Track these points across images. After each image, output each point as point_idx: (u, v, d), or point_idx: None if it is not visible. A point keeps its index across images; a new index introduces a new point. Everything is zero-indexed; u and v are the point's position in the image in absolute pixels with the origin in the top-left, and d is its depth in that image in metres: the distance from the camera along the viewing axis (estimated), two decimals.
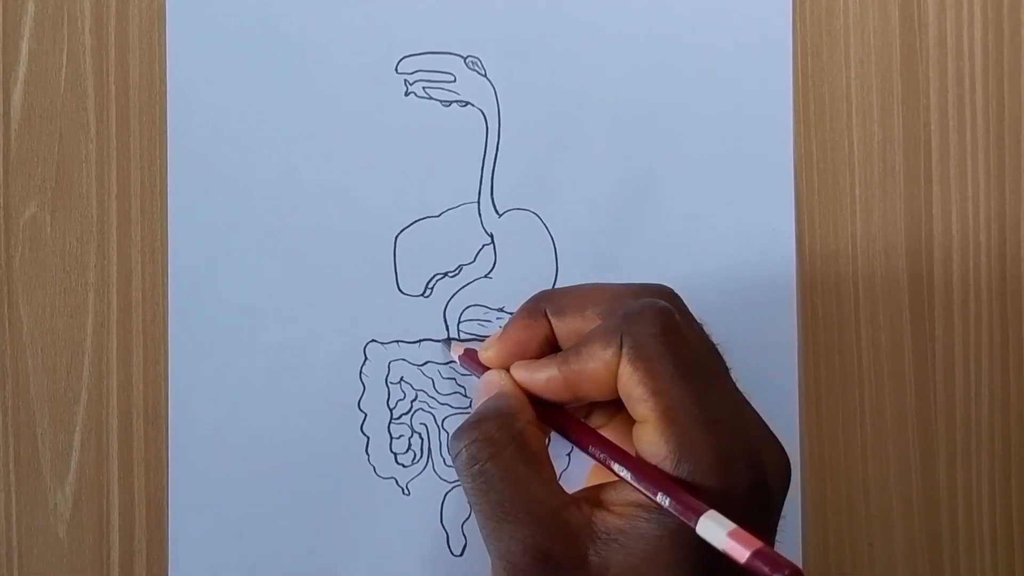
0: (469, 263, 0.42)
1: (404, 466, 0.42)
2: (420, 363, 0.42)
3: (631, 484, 0.32)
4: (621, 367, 0.33)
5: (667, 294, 0.36)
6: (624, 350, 0.33)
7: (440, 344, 0.42)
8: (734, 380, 0.35)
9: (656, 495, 0.31)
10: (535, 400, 0.35)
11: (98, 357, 0.42)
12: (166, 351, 0.42)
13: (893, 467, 0.44)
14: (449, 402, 0.42)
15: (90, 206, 0.42)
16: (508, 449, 0.33)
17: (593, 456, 0.34)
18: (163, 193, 0.42)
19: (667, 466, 0.31)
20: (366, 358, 0.42)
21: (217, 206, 0.42)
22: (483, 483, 0.33)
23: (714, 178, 0.43)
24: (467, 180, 0.43)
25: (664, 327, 0.33)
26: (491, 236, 0.43)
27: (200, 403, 0.42)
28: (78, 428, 0.42)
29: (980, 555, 0.44)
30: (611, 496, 0.33)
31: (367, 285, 0.42)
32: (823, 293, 0.44)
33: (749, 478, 0.32)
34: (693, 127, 0.43)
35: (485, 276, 0.43)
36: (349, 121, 0.42)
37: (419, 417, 0.42)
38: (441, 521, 0.42)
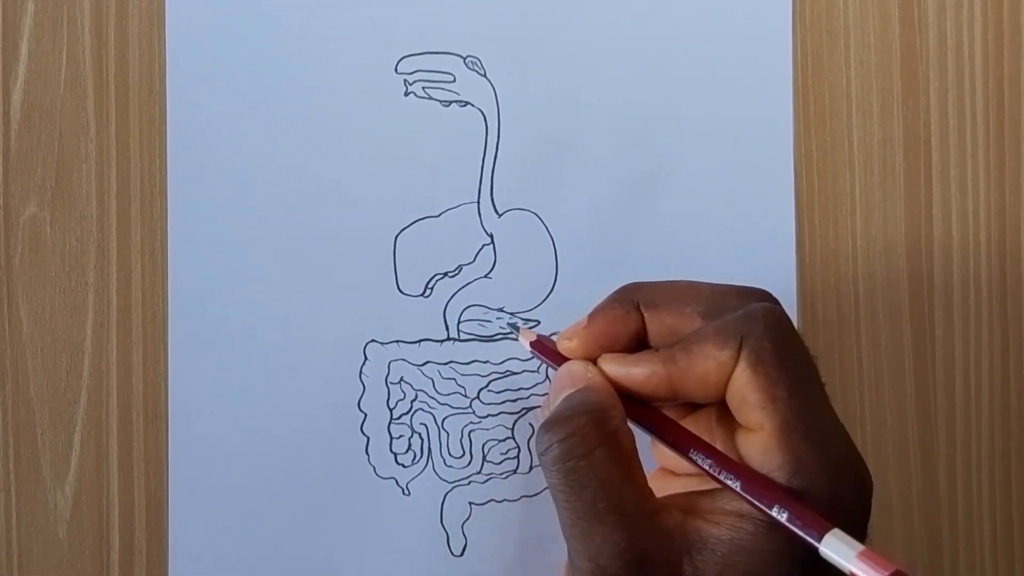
0: (469, 263, 0.42)
1: (404, 466, 0.42)
2: (420, 363, 0.42)
3: (742, 496, 0.31)
4: (738, 370, 0.31)
5: (772, 299, 0.34)
6: (744, 353, 0.31)
7: (507, 328, 0.41)
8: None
9: (772, 508, 0.30)
10: (623, 396, 0.33)
11: (98, 357, 0.42)
12: (166, 351, 0.42)
13: (893, 467, 0.44)
14: (449, 402, 0.42)
15: (90, 206, 0.42)
16: (602, 448, 0.31)
17: (694, 462, 0.32)
18: (163, 193, 0.42)
19: (780, 478, 0.30)
20: (366, 358, 0.42)
21: (217, 206, 0.42)
22: (576, 481, 0.31)
23: (714, 178, 0.43)
24: (467, 180, 0.43)
25: (783, 334, 0.32)
26: (491, 236, 0.43)
27: (200, 403, 0.41)
28: (78, 428, 0.42)
29: (980, 555, 0.44)
30: (707, 504, 0.32)
31: (367, 285, 0.42)
32: (823, 293, 0.44)
33: (856, 495, 0.31)
34: (693, 127, 0.43)
35: (485, 276, 0.43)
36: (349, 121, 0.42)
37: (419, 417, 0.42)
38: (441, 521, 0.42)
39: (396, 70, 0.43)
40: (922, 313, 0.44)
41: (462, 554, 0.42)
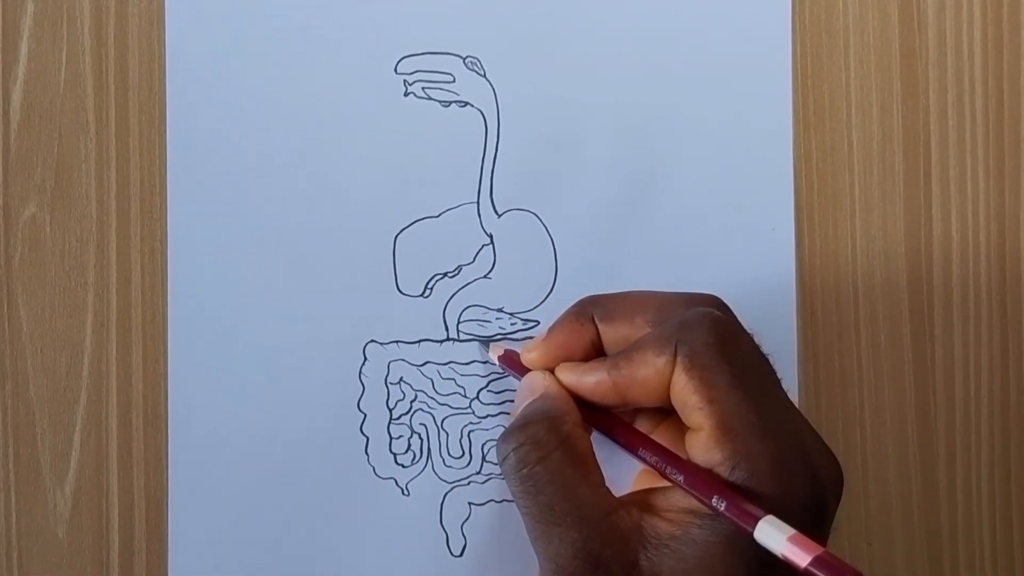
0: (468, 263, 0.42)
1: (404, 466, 0.42)
2: (419, 363, 0.42)
3: (685, 489, 0.32)
4: (675, 375, 0.33)
5: (717, 304, 0.36)
6: (679, 358, 0.33)
7: (477, 344, 0.42)
8: (785, 390, 0.34)
9: (711, 499, 0.31)
10: (580, 403, 0.35)
11: (98, 357, 0.42)
12: (165, 351, 0.42)
13: (892, 467, 0.44)
14: (448, 402, 0.42)
15: (89, 206, 0.42)
16: (556, 452, 0.33)
17: (643, 460, 0.34)
18: (162, 193, 0.42)
19: (722, 472, 0.31)
20: (365, 358, 0.42)
21: (216, 206, 0.42)
22: (532, 486, 0.33)
23: (714, 178, 0.43)
24: (466, 180, 0.43)
25: (719, 336, 0.33)
26: (490, 236, 0.43)
27: (200, 403, 0.42)
28: (78, 428, 0.42)
29: (979, 555, 0.44)
30: (661, 501, 0.33)
31: (367, 285, 0.42)
32: (823, 293, 0.44)
33: (805, 486, 0.31)
34: (692, 127, 0.43)
35: (484, 276, 0.43)
36: (348, 121, 0.42)
37: (418, 417, 0.42)
38: (441, 521, 0.42)
39: (396, 70, 0.43)
40: (921, 313, 0.44)
41: (462, 554, 0.42)
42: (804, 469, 0.32)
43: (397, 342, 0.42)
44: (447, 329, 0.42)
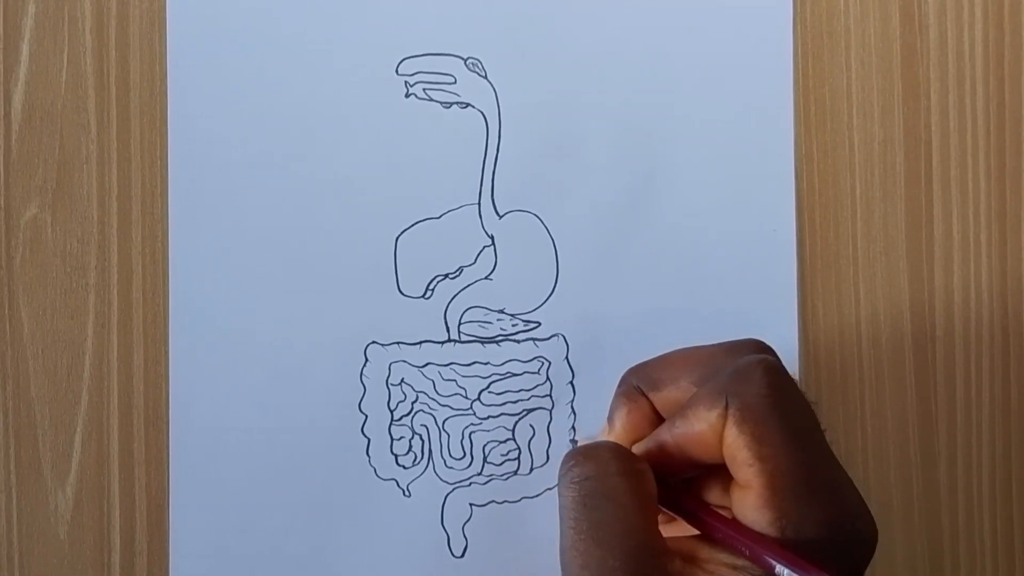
0: (470, 264, 0.42)
1: (405, 468, 0.42)
2: (421, 365, 0.42)
3: (744, 556, 0.31)
4: (727, 428, 0.32)
5: (763, 348, 0.34)
6: (731, 411, 0.31)
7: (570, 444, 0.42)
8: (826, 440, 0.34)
9: (767, 560, 0.30)
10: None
11: (99, 358, 0.42)
12: (167, 352, 0.42)
13: (893, 468, 0.44)
14: (450, 404, 0.42)
15: (91, 207, 0.42)
16: (620, 478, 0.32)
17: (710, 528, 0.33)
18: (164, 194, 0.42)
19: (771, 534, 0.30)
20: (367, 360, 0.42)
21: (217, 207, 0.42)
22: (589, 499, 0.31)
23: (714, 180, 0.43)
24: (468, 182, 0.43)
25: (772, 386, 0.32)
26: (492, 237, 0.43)
27: (201, 404, 0.42)
28: (79, 429, 0.42)
29: (980, 556, 0.44)
30: (705, 553, 0.32)
31: (368, 286, 0.42)
32: (823, 294, 0.44)
33: (848, 555, 0.31)
34: (693, 128, 0.43)
35: (486, 278, 0.43)
36: (349, 123, 0.42)
37: (420, 419, 0.42)
38: (442, 523, 0.42)
39: (397, 72, 0.43)
40: (922, 313, 0.44)
41: (463, 555, 0.42)
42: (849, 530, 0.31)
43: (398, 343, 0.42)
44: (448, 330, 0.42)
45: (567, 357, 0.43)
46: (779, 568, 0.30)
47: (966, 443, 0.44)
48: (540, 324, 0.42)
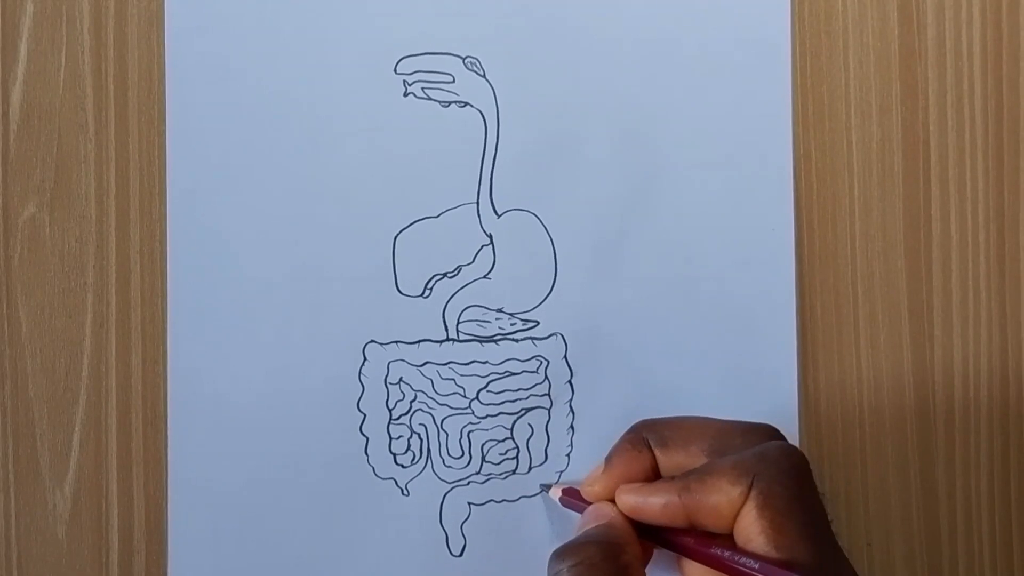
0: (468, 263, 0.42)
1: (403, 467, 0.42)
2: (419, 364, 0.42)
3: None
4: (746, 508, 0.32)
5: (778, 435, 0.35)
6: (753, 492, 0.32)
7: (540, 491, 0.42)
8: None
9: None
10: (638, 522, 0.35)
11: (97, 357, 0.42)
12: (165, 351, 0.42)
13: (892, 467, 0.44)
14: (448, 403, 0.42)
15: (89, 206, 0.42)
16: None
17: (714, 557, 0.33)
18: (162, 193, 0.42)
19: None
20: (365, 359, 0.42)
21: (216, 206, 0.42)
22: None
23: (713, 179, 0.43)
24: (466, 181, 0.43)
25: (797, 479, 0.33)
26: (490, 237, 0.43)
27: (199, 403, 0.41)
28: (77, 428, 0.42)
29: (979, 556, 0.44)
30: None
31: (366, 286, 0.42)
32: (822, 293, 0.44)
33: None
34: (692, 127, 0.43)
35: (484, 276, 0.43)
36: (348, 121, 0.42)
37: (418, 418, 0.42)
38: (440, 521, 0.42)
39: (395, 71, 0.43)
40: (921, 313, 0.44)
41: (461, 554, 0.42)
42: None
43: (397, 342, 0.42)
44: (447, 329, 0.42)
45: (565, 356, 0.43)
46: None
47: (964, 443, 0.44)
48: (538, 323, 0.42)
